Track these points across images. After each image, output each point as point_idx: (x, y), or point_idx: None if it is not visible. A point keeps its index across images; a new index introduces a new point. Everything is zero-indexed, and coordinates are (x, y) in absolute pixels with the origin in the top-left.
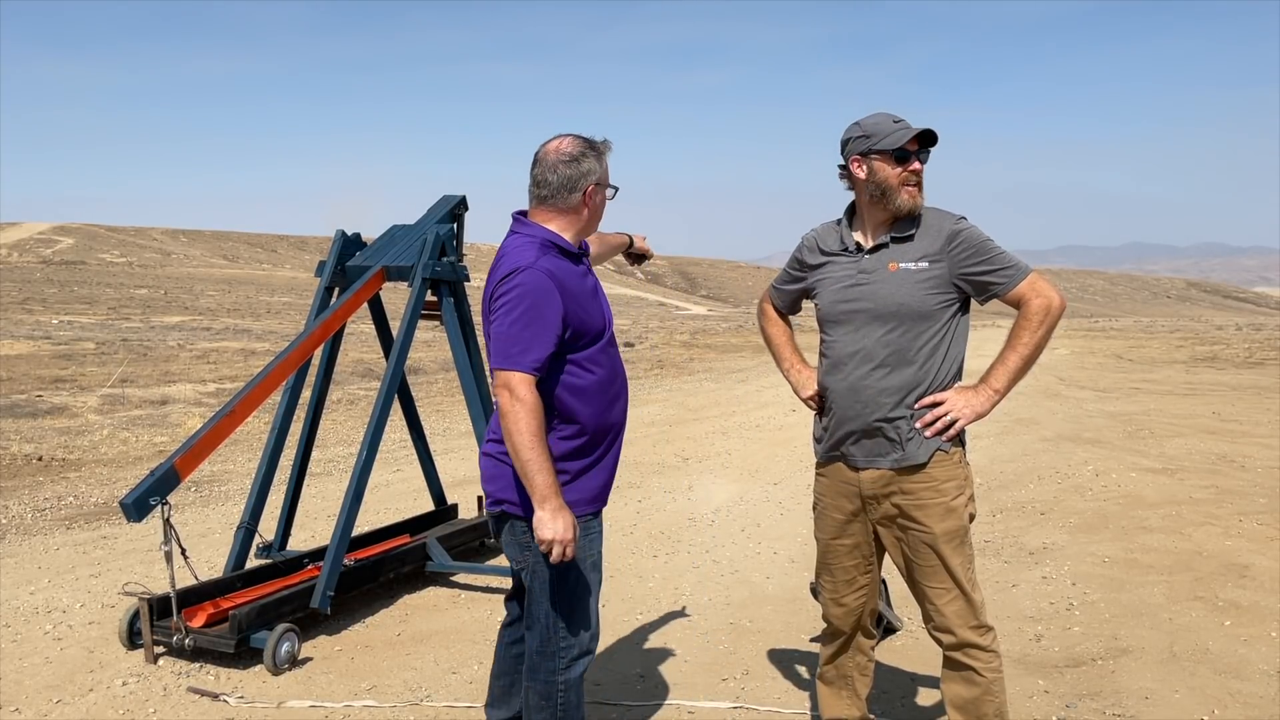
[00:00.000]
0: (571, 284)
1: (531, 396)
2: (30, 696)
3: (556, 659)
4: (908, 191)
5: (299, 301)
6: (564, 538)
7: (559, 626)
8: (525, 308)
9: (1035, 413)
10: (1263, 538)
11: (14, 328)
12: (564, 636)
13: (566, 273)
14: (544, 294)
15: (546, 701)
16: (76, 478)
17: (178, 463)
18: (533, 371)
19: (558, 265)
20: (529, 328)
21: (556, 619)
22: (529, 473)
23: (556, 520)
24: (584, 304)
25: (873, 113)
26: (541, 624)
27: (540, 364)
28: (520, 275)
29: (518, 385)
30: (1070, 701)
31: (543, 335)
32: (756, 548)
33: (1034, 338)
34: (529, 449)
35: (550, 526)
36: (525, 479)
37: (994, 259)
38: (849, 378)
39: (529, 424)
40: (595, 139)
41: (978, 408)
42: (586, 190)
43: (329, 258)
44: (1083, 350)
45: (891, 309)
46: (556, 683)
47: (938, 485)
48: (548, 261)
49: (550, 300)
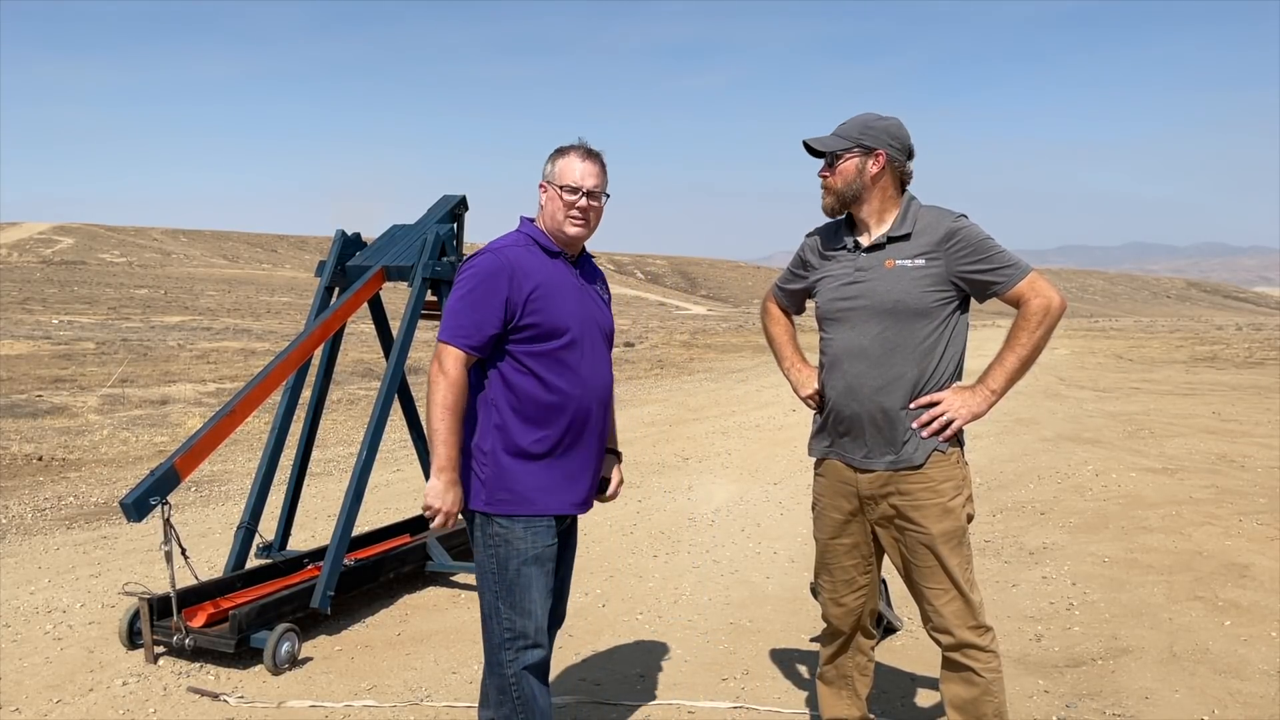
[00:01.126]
0: (530, 273)
1: (456, 370)
2: (30, 696)
3: (503, 651)
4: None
5: (299, 301)
6: (449, 510)
7: (501, 618)
8: (472, 286)
9: (1035, 413)
10: (1263, 538)
11: (14, 328)
12: (508, 628)
13: (530, 263)
14: (492, 276)
15: (504, 695)
16: (76, 478)
17: (178, 463)
18: (466, 349)
19: (525, 255)
20: (468, 303)
21: (499, 610)
22: (433, 442)
23: (448, 492)
24: (541, 298)
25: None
26: (487, 616)
27: (476, 343)
28: (478, 258)
29: (445, 357)
30: (1070, 701)
31: (480, 311)
32: (756, 548)
33: (1032, 338)
34: (438, 419)
35: (440, 496)
36: (431, 448)
37: (992, 257)
38: (846, 375)
39: (445, 396)
40: (570, 143)
41: (974, 408)
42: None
43: (329, 257)
44: (1083, 350)
45: (888, 305)
46: (508, 675)
47: (935, 485)
48: (513, 250)
49: (497, 281)
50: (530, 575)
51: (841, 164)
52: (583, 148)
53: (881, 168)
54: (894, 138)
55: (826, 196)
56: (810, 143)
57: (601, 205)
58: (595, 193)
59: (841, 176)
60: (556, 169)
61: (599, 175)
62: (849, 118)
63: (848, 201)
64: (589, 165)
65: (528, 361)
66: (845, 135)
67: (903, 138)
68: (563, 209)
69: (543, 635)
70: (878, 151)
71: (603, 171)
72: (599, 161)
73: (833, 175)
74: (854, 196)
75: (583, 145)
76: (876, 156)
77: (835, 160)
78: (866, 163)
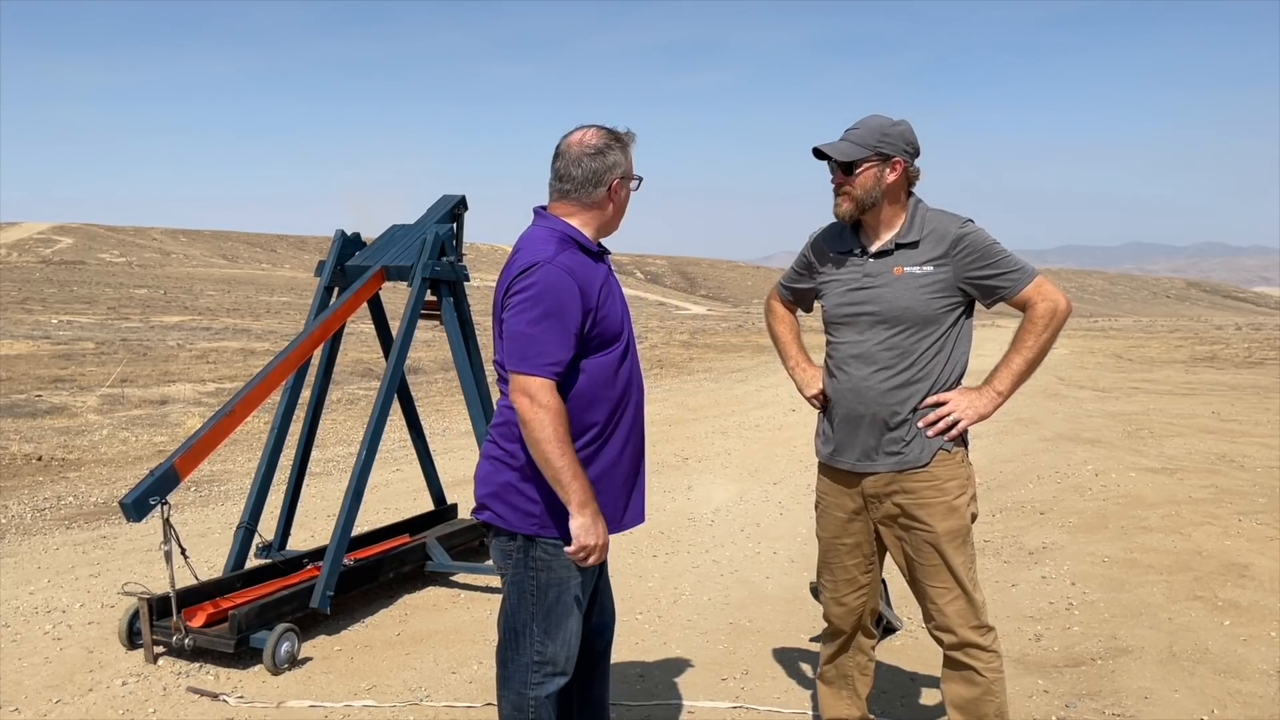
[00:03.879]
0: (591, 284)
1: (555, 401)
2: (30, 696)
3: (530, 672)
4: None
5: (299, 301)
6: (603, 544)
7: (536, 640)
8: (545, 307)
9: (1035, 413)
10: (1262, 537)
11: (14, 328)
12: (540, 652)
13: (586, 271)
14: (563, 292)
15: (519, 713)
16: (76, 478)
17: (177, 462)
18: (553, 376)
19: (578, 262)
20: (548, 328)
21: (535, 633)
22: (562, 481)
23: (597, 525)
24: (603, 306)
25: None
26: (517, 633)
27: (560, 367)
28: (539, 271)
29: (538, 391)
30: (1070, 701)
31: (562, 336)
32: (756, 548)
33: (1039, 341)
34: (558, 456)
35: (591, 532)
36: (559, 488)
37: (999, 262)
38: (852, 379)
39: (555, 430)
40: (619, 129)
41: (980, 409)
42: (611, 185)
43: (328, 257)
44: (1082, 350)
45: (896, 313)
46: (528, 697)
47: (940, 484)
48: (567, 257)
49: (570, 299)
50: (570, 604)
51: (860, 172)
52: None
53: (899, 175)
54: (908, 144)
55: (845, 204)
56: (827, 151)
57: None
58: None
59: (860, 185)
60: (628, 160)
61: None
62: (858, 121)
63: (865, 209)
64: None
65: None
66: (862, 143)
67: (914, 142)
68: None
69: (571, 664)
70: (895, 159)
71: None
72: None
73: (851, 183)
74: (871, 204)
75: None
76: (894, 165)
77: (854, 169)
78: (884, 171)
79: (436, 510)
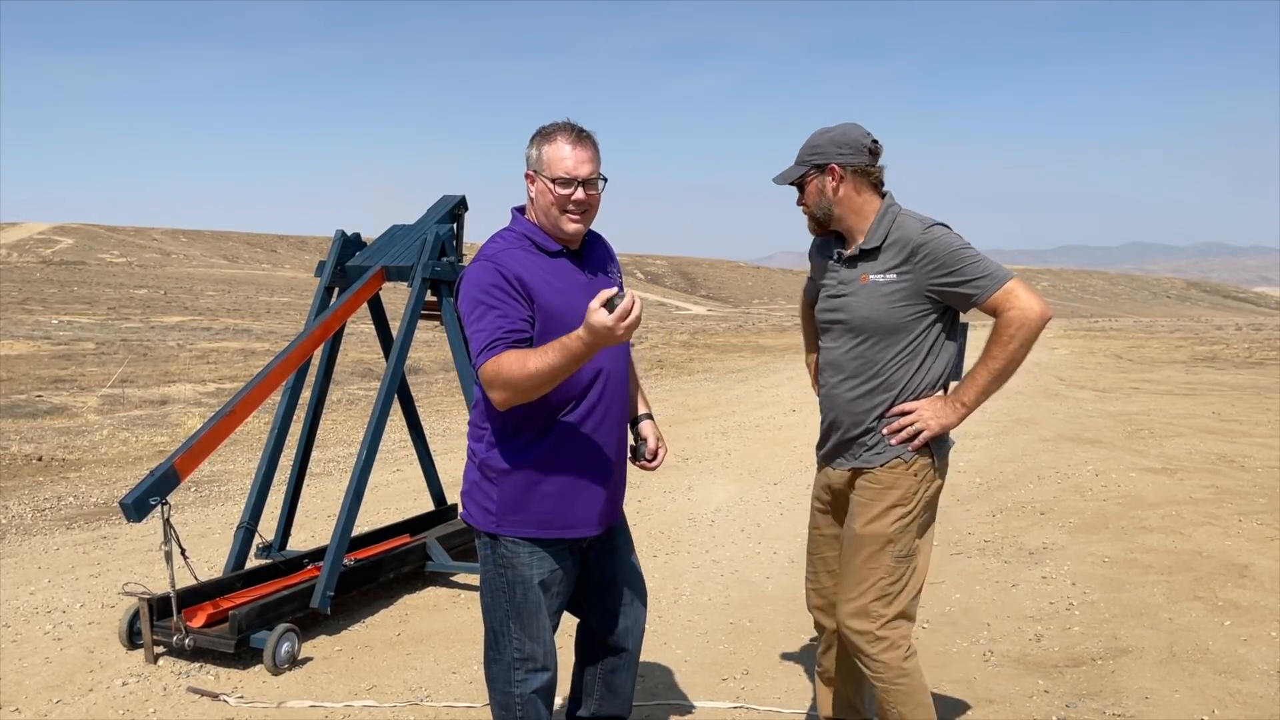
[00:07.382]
0: (535, 276)
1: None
2: (30, 696)
3: (511, 670)
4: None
5: (299, 301)
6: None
7: (515, 638)
8: (466, 303)
9: (1035, 413)
10: (1263, 538)
11: (14, 328)
12: (519, 649)
13: (526, 263)
14: (479, 277)
15: (506, 712)
16: (76, 478)
17: (178, 463)
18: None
19: (515, 257)
20: (479, 317)
21: (513, 630)
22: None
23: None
24: (550, 299)
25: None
26: (497, 633)
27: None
28: (466, 271)
29: (488, 377)
30: (1070, 701)
31: (494, 319)
32: (756, 548)
33: (1005, 351)
34: (531, 375)
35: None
36: (555, 361)
37: (963, 269)
38: (826, 385)
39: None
40: (557, 123)
41: (945, 420)
42: (528, 179)
43: (329, 258)
44: (1083, 350)
45: (859, 322)
46: (514, 695)
47: (881, 490)
48: (511, 255)
49: (486, 277)
50: (537, 601)
51: (807, 189)
52: (570, 129)
53: (840, 179)
54: (841, 145)
55: (809, 221)
56: (775, 180)
57: (599, 193)
58: (591, 180)
59: (811, 200)
60: (544, 157)
61: (593, 160)
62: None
63: (826, 222)
64: (580, 151)
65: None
66: (798, 161)
67: (852, 141)
68: (556, 204)
69: (551, 659)
70: (829, 165)
71: (596, 154)
72: (591, 143)
73: (804, 201)
74: (828, 215)
75: (570, 126)
76: (830, 171)
77: (802, 187)
78: (825, 180)
79: (436, 510)
